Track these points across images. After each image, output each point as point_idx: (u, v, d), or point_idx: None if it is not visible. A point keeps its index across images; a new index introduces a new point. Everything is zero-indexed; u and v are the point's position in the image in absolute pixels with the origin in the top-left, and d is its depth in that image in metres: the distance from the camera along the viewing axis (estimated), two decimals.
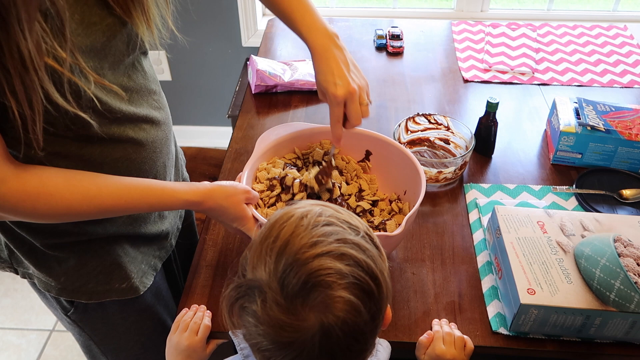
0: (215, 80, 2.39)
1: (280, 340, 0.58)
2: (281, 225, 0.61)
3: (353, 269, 0.58)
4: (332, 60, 0.92)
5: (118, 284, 0.91)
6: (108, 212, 0.79)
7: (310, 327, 0.56)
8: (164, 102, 0.92)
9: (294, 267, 0.57)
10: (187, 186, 0.85)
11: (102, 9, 0.72)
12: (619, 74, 1.51)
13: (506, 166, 1.23)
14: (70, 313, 0.95)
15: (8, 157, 0.69)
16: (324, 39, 0.93)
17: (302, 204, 0.65)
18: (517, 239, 0.92)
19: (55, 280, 0.89)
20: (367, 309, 0.58)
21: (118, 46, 0.76)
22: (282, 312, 0.57)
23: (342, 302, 0.56)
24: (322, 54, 0.92)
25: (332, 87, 0.91)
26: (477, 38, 1.67)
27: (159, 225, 0.98)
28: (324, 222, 0.61)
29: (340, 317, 0.56)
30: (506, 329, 0.90)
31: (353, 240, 0.60)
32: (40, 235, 0.85)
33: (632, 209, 1.11)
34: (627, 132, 1.15)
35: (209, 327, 0.89)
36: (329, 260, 0.57)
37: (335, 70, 0.91)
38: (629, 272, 0.83)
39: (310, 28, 0.94)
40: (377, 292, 0.60)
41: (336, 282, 0.56)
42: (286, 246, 0.59)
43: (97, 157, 0.79)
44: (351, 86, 0.91)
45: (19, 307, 2.00)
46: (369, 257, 0.60)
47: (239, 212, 0.88)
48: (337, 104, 0.92)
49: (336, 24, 1.75)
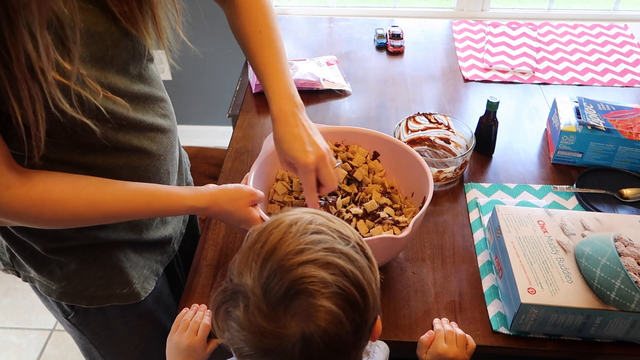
0: (215, 79, 2.39)
1: (261, 347, 0.57)
2: (270, 231, 0.60)
3: (338, 279, 0.57)
4: (297, 126, 0.87)
5: (119, 289, 0.91)
6: (113, 218, 0.79)
7: (291, 335, 0.56)
8: (170, 109, 0.91)
9: (277, 273, 0.56)
10: (192, 191, 0.84)
11: (107, 19, 0.71)
12: (620, 73, 1.51)
13: (506, 165, 1.23)
14: (70, 317, 0.95)
15: (12, 164, 0.68)
16: (290, 105, 0.89)
17: (295, 211, 0.64)
18: (517, 238, 0.92)
19: (56, 285, 0.89)
20: (350, 319, 0.57)
21: (123, 55, 0.75)
22: (264, 318, 0.56)
23: (324, 311, 0.55)
24: (285, 120, 0.88)
25: (301, 155, 0.86)
26: (477, 37, 1.67)
27: (162, 231, 0.97)
28: (313, 230, 0.60)
29: (321, 327, 0.55)
30: (507, 329, 0.89)
31: (341, 250, 0.59)
32: (42, 240, 0.84)
33: (633, 209, 1.11)
34: (627, 132, 1.15)
35: (209, 327, 0.88)
36: (314, 269, 0.56)
37: (303, 137, 0.87)
38: (629, 272, 0.83)
39: (277, 91, 0.89)
40: (362, 303, 0.59)
41: (319, 291, 0.56)
42: (272, 252, 0.58)
43: (100, 164, 0.78)
44: (321, 150, 0.87)
45: (19, 306, 2.00)
46: (356, 268, 0.59)
47: (245, 215, 0.87)
48: (309, 172, 0.87)
49: (336, 24, 1.75)
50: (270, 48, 0.93)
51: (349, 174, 1.04)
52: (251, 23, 0.93)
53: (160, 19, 0.77)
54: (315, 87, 1.41)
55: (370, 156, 1.07)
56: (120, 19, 0.72)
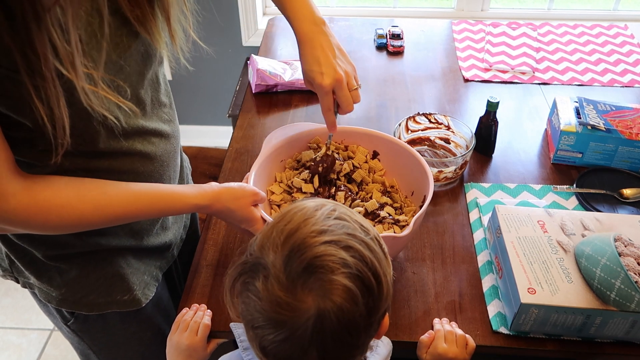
0: (215, 79, 2.39)
1: (275, 318, 0.58)
2: (294, 212, 0.62)
3: (357, 262, 0.58)
4: (317, 48, 0.91)
5: (120, 296, 0.90)
6: (119, 220, 0.79)
7: (306, 309, 0.57)
8: (174, 114, 0.91)
9: (300, 249, 0.58)
10: (195, 190, 0.84)
11: (120, 24, 0.71)
12: (620, 73, 1.51)
13: (507, 165, 1.23)
14: (70, 323, 0.94)
15: (17, 171, 0.68)
16: (310, 26, 0.92)
17: (316, 200, 0.66)
18: (517, 238, 0.92)
19: (56, 292, 0.88)
20: (365, 302, 0.58)
21: (135, 59, 0.75)
22: (282, 290, 0.57)
23: (341, 288, 0.57)
24: (306, 42, 0.91)
25: (318, 76, 0.90)
26: (477, 37, 1.67)
27: (162, 237, 0.97)
28: (336, 216, 0.62)
29: (337, 303, 0.57)
30: (507, 329, 0.89)
31: (362, 238, 0.61)
32: (42, 247, 0.84)
33: (633, 209, 1.11)
34: (627, 132, 1.15)
35: (208, 327, 0.88)
36: (335, 249, 0.58)
37: (321, 59, 0.90)
38: (629, 272, 0.83)
39: (297, 14, 0.93)
40: (377, 289, 0.60)
41: (339, 269, 0.57)
42: (297, 230, 0.59)
43: (104, 169, 0.78)
44: (338, 73, 0.90)
45: (19, 306, 2.01)
46: (374, 257, 0.61)
47: (247, 214, 0.87)
48: (325, 93, 0.91)
49: (336, 24, 1.75)
50: None
51: (349, 175, 1.04)
52: None
53: (173, 21, 0.77)
54: None
55: (369, 155, 1.07)
56: (134, 23, 0.72)
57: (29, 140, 0.69)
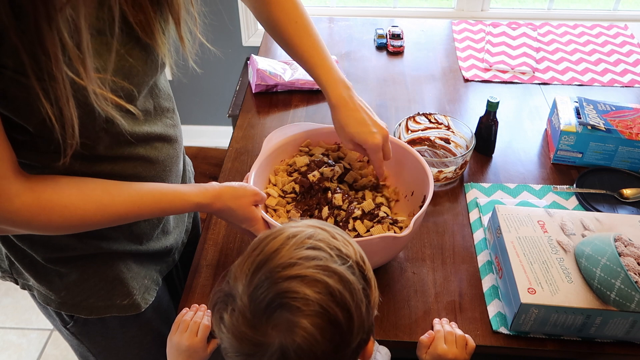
0: (215, 79, 2.39)
1: (242, 351, 0.59)
2: (269, 240, 0.62)
3: (322, 297, 0.57)
4: (358, 110, 0.95)
5: (120, 300, 0.90)
6: (122, 220, 0.79)
7: (270, 344, 0.57)
8: (177, 119, 0.91)
9: (265, 284, 0.58)
10: (196, 189, 0.84)
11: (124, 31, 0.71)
12: (620, 73, 1.51)
13: (507, 165, 1.23)
14: (69, 326, 0.94)
15: (20, 171, 0.68)
16: (345, 90, 0.95)
17: (301, 223, 0.65)
18: (517, 238, 0.92)
19: (56, 294, 0.88)
20: (329, 339, 0.57)
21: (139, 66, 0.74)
22: (247, 325, 0.58)
23: (300, 328, 0.56)
24: (343, 105, 0.95)
25: (370, 136, 0.94)
26: (477, 37, 1.67)
27: (163, 241, 0.97)
28: (310, 245, 0.60)
29: (296, 342, 0.56)
30: (507, 329, 0.90)
31: (334, 269, 0.59)
32: (42, 250, 0.84)
33: (633, 209, 1.11)
34: (627, 132, 1.15)
35: (208, 327, 0.88)
36: (299, 285, 0.57)
37: (366, 120, 0.94)
38: (629, 272, 0.83)
39: (329, 79, 0.96)
40: (345, 324, 0.58)
41: (300, 308, 0.56)
42: (265, 262, 0.59)
43: (107, 173, 0.78)
44: (384, 130, 0.95)
45: (19, 306, 2.01)
46: (345, 288, 0.59)
47: (247, 214, 0.88)
48: (379, 150, 0.95)
49: (336, 24, 1.75)
50: (310, 37, 0.98)
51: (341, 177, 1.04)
52: (285, 14, 0.98)
53: (182, 24, 0.77)
54: (316, 87, 1.41)
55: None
56: (137, 29, 0.71)
57: (32, 142, 0.69)
